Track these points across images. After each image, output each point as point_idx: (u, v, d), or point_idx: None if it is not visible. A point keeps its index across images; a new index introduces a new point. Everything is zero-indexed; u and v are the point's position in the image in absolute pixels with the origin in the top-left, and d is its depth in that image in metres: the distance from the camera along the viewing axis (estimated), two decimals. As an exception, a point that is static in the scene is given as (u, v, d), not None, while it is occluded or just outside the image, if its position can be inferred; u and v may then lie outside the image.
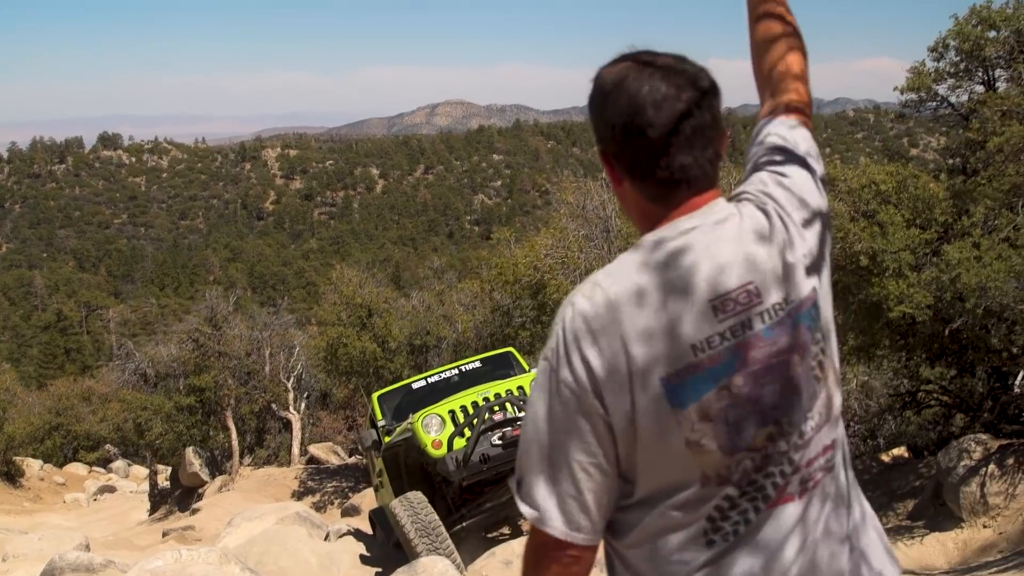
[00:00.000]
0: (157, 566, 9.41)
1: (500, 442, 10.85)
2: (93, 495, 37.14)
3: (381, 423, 12.91)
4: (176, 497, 27.66)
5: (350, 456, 27.33)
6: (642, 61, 1.90)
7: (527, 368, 13.12)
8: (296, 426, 26.90)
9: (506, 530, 14.03)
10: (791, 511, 1.87)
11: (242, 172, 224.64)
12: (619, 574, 1.95)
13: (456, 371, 13.37)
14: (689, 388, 1.79)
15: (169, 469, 30.55)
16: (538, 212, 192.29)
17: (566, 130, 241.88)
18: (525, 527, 14.13)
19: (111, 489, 38.89)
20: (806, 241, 1.95)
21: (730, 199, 2.00)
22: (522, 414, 10.95)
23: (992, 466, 12.34)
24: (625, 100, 1.86)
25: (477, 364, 13.53)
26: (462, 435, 10.96)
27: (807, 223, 1.97)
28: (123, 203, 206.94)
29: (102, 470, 43.55)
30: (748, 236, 1.88)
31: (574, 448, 1.82)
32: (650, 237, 1.89)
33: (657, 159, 1.86)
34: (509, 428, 10.89)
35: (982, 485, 12.28)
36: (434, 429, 11.07)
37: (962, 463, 12.67)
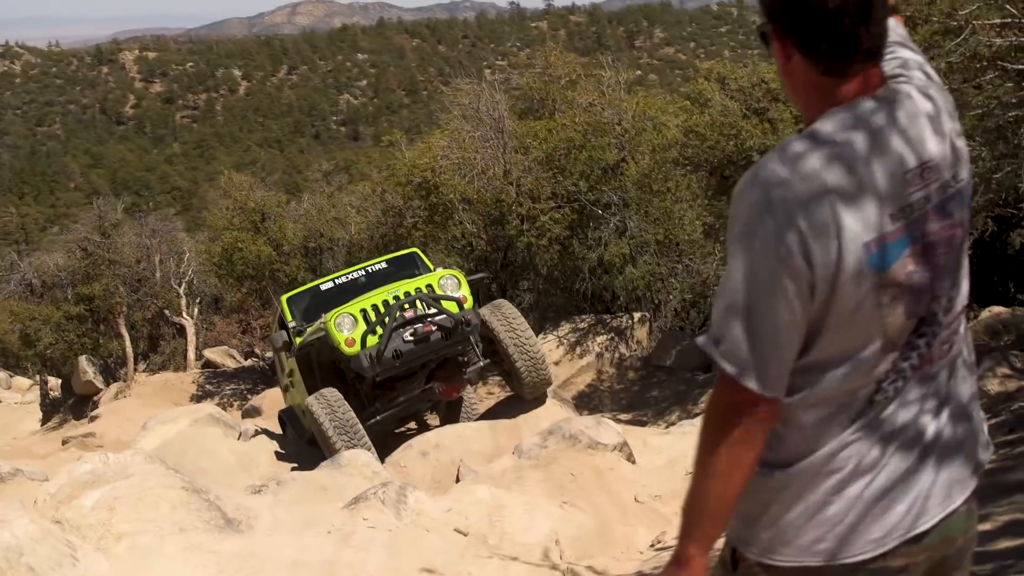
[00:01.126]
0: (87, 469, 9.52)
1: (412, 338, 11.20)
2: (-24, 407, 36.51)
3: (291, 324, 13.05)
4: (69, 406, 27.41)
5: (246, 359, 27.35)
6: None
7: (431, 267, 13.33)
8: (190, 331, 26.81)
9: (413, 426, 14.47)
10: (936, 371, 2.04)
11: (99, 76, 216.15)
12: (778, 433, 2.04)
13: (363, 272, 13.53)
14: (886, 254, 1.91)
15: (60, 379, 30.23)
16: (404, 112, 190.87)
17: (431, 28, 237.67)
18: (431, 421, 14.61)
19: (-6, 401, 38.29)
20: (958, 131, 2.07)
21: (891, 79, 2.07)
22: (432, 311, 11.39)
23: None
24: None
25: (383, 265, 13.68)
26: (375, 333, 11.26)
27: (951, 115, 2.08)
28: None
29: (-17, 382, 42.74)
30: (923, 118, 1.99)
31: (777, 308, 1.90)
32: (840, 113, 1.96)
33: (833, 31, 1.92)
34: (420, 325, 11.25)
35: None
36: (347, 328, 11.35)
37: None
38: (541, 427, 11.04)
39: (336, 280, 13.61)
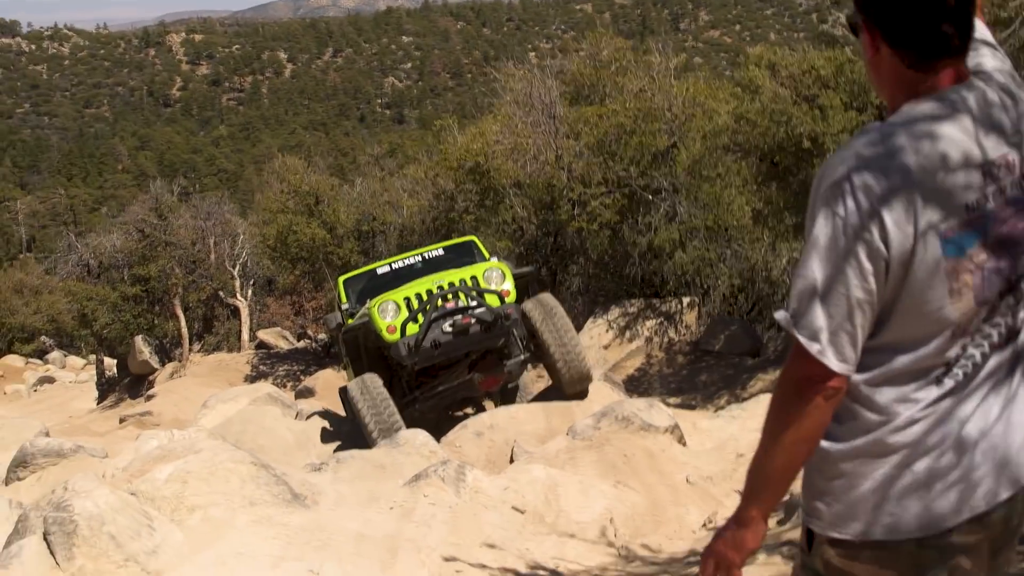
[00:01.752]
0: (155, 445, 9.84)
1: (451, 329, 11.39)
2: (33, 386, 37.17)
3: (345, 306, 13.29)
4: (125, 385, 27.96)
5: (299, 340, 27.78)
6: None
7: (487, 256, 13.50)
8: (244, 312, 27.27)
9: (469, 410, 14.70)
10: (1004, 358, 2.13)
11: (146, 58, 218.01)
12: (846, 409, 2.14)
13: (420, 258, 13.74)
14: (960, 242, 2.02)
15: (115, 359, 30.77)
16: (448, 95, 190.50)
17: (476, 10, 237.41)
18: (488, 405, 14.83)
19: (50, 380, 38.90)
20: None
21: (973, 75, 2.16)
22: (473, 303, 11.61)
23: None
24: None
25: (440, 252, 13.89)
26: (416, 321, 11.49)
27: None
28: (25, 92, 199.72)
29: (39, 361, 43.48)
30: (1001, 115, 2.10)
31: (854, 287, 2.00)
32: (926, 103, 2.07)
33: (923, 26, 2.02)
34: (460, 316, 11.45)
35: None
36: (389, 314, 11.58)
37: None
38: (593, 409, 11.24)
39: (392, 264, 13.84)
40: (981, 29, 2.33)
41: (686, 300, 18.81)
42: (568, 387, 12.06)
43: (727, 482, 9.39)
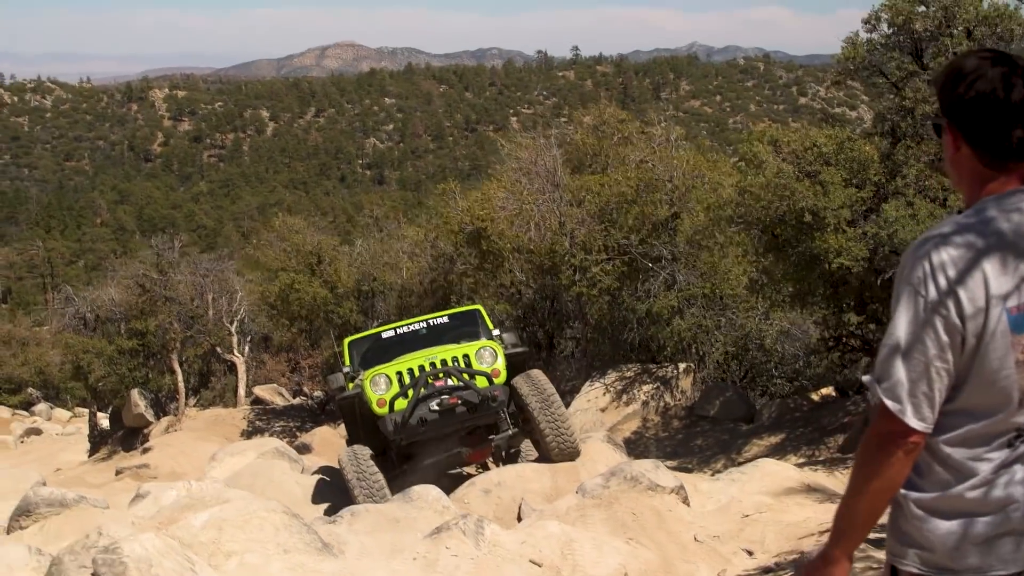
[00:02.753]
0: (175, 496, 10.11)
1: (437, 408, 11.72)
2: (20, 437, 37.21)
3: (347, 369, 13.38)
4: (118, 438, 28.09)
5: (294, 397, 28.02)
6: (997, 57, 2.37)
7: (491, 326, 13.77)
8: (241, 368, 27.44)
9: (472, 471, 14.94)
10: None
11: (129, 113, 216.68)
12: (926, 462, 2.39)
13: (424, 324, 13.92)
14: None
15: (106, 412, 30.87)
16: (430, 157, 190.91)
17: (458, 74, 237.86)
18: (489, 463, 15.08)
19: (37, 431, 38.97)
20: None
21: None
22: (459, 384, 11.89)
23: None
24: (985, 83, 2.32)
25: (445, 320, 14.08)
26: (406, 396, 11.80)
27: None
28: (5, 143, 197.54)
29: (25, 413, 43.50)
30: None
31: (934, 356, 2.27)
32: (996, 201, 2.36)
33: (1001, 131, 2.32)
34: (447, 396, 11.78)
35: (910, 419, 13.49)
36: (381, 388, 11.91)
37: (889, 400, 13.85)
38: (598, 469, 11.58)
39: (397, 329, 13.99)
40: None
41: (682, 366, 19.21)
42: (556, 458, 12.27)
43: (734, 541, 9.73)
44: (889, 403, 2.32)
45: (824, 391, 18.68)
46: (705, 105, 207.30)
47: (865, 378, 2.47)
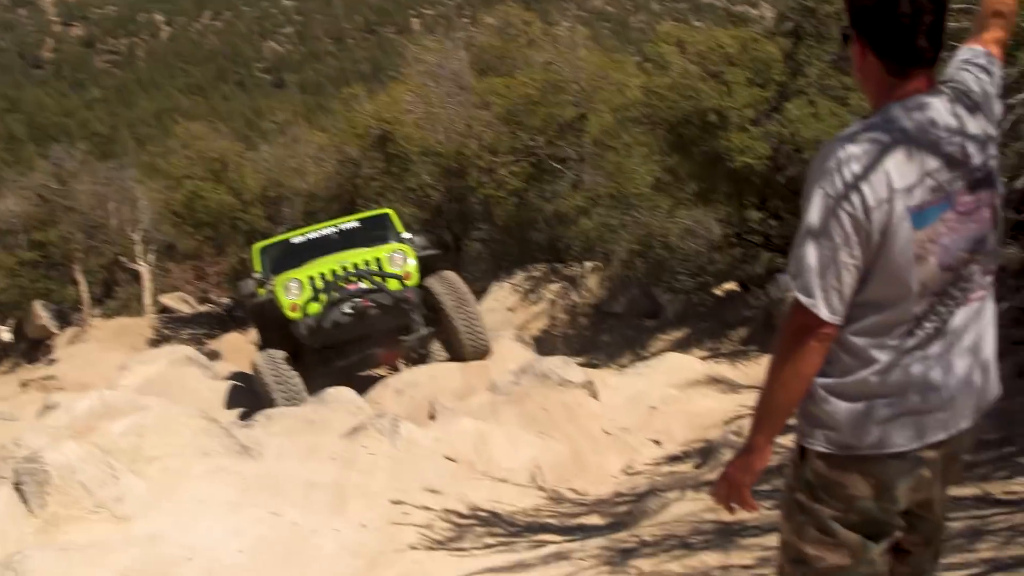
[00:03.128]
0: (87, 405, 10.11)
1: (350, 311, 11.93)
2: (-85, 350, 36.38)
3: (258, 275, 13.48)
4: (22, 350, 27.65)
5: (201, 304, 27.79)
6: None
7: (401, 230, 13.83)
8: (146, 277, 27.09)
9: (383, 372, 15.09)
10: (967, 312, 2.57)
11: (16, 18, 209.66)
12: (835, 353, 2.55)
13: (335, 229, 13.96)
14: (925, 216, 2.44)
15: (9, 325, 30.32)
16: (330, 60, 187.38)
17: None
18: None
19: (-65, 345, 38.15)
20: (992, 126, 2.62)
21: (942, 83, 2.63)
22: (371, 287, 12.07)
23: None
24: None
25: (356, 224, 14.10)
26: (318, 300, 11.97)
27: (990, 114, 2.64)
28: None
29: (-76, 328, 42.48)
30: (962, 114, 2.54)
31: (843, 253, 2.42)
32: (900, 104, 2.50)
33: (903, 39, 2.46)
34: (359, 299, 11.98)
35: (809, 309, 13.87)
36: (293, 293, 12.06)
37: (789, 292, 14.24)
38: (508, 367, 11.84)
39: (308, 235, 14.05)
40: (964, 54, 2.79)
41: (588, 265, 19.45)
42: (469, 357, 12.55)
43: (642, 432, 10.08)
44: (802, 298, 2.47)
45: (727, 286, 19.07)
46: (608, 4, 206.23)
47: (781, 276, 2.64)
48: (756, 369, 13.74)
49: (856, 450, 2.55)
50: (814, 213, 2.46)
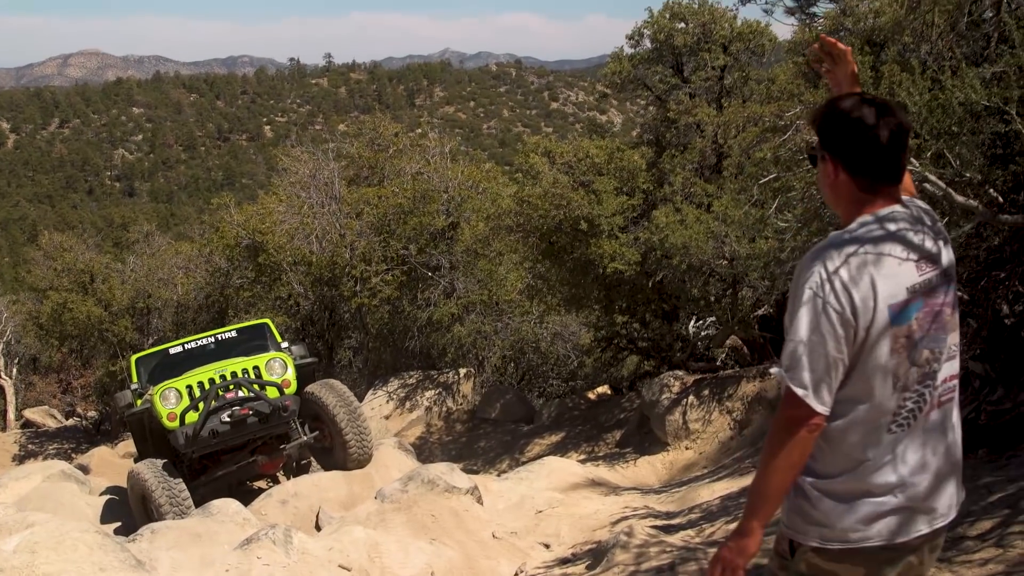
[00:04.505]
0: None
1: (229, 420, 11.80)
2: None
3: (135, 386, 13.25)
4: None
5: (67, 419, 27.13)
6: (866, 100, 2.76)
7: (280, 339, 13.84)
8: (9, 391, 26.47)
9: (263, 484, 14.95)
10: (937, 415, 2.79)
11: None
12: (822, 446, 2.75)
13: (212, 339, 13.81)
14: (902, 314, 2.69)
15: None
16: (181, 167, 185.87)
17: (209, 82, 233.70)
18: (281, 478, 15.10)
19: None
20: (945, 238, 2.89)
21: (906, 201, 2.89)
22: (249, 395, 11.98)
23: (691, 397, 14.43)
24: (861, 122, 2.72)
25: (233, 334, 13.99)
26: (196, 409, 11.82)
27: (941, 229, 2.90)
28: None
29: None
30: (926, 226, 2.83)
31: (832, 348, 2.64)
32: (875, 217, 2.78)
33: (876, 161, 2.74)
34: (238, 407, 11.88)
35: (683, 413, 14.27)
36: (171, 402, 11.87)
37: (664, 396, 14.61)
38: (392, 475, 11.93)
39: (185, 345, 13.87)
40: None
41: (463, 371, 19.69)
42: (354, 464, 12.55)
43: (531, 536, 10.25)
44: (796, 389, 2.68)
45: (600, 389, 19.49)
46: (459, 111, 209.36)
47: (774, 370, 2.83)
48: (634, 471, 14.05)
49: (848, 544, 2.75)
50: (805, 316, 2.70)
